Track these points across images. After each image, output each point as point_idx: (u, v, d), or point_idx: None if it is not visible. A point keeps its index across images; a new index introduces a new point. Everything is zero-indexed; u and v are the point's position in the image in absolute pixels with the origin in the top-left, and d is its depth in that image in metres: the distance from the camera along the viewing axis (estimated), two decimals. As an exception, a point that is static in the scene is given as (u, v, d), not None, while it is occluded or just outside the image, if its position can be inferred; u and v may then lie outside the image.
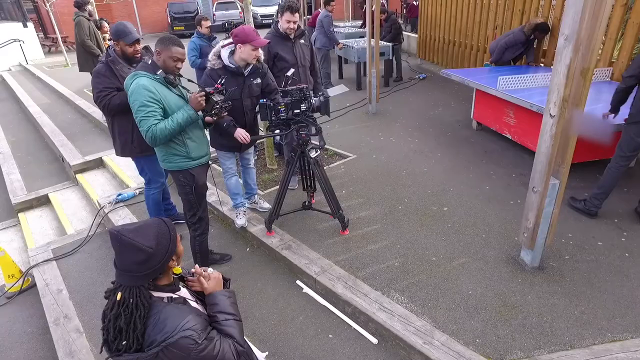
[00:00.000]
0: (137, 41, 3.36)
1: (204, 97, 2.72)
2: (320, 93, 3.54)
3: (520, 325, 2.58)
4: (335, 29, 8.67)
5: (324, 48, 8.09)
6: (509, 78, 4.78)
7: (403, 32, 9.47)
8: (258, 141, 5.35)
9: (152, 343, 1.29)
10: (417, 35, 10.19)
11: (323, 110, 3.35)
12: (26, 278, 3.81)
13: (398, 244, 3.37)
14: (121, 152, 3.54)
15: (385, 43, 8.06)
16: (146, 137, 2.66)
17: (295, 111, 3.24)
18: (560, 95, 2.59)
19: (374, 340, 2.67)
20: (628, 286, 2.83)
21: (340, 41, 8.38)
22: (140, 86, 2.61)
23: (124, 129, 3.41)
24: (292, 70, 3.66)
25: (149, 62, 2.75)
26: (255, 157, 5.17)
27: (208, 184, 3.21)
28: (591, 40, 2.50)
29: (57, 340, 3.01)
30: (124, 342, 1.28)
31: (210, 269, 1.64)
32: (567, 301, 2.73)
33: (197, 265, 1.64)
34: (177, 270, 1.43)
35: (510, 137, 4.96)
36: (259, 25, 17.68)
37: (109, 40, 7.03)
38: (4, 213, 5.32)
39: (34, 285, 3.75)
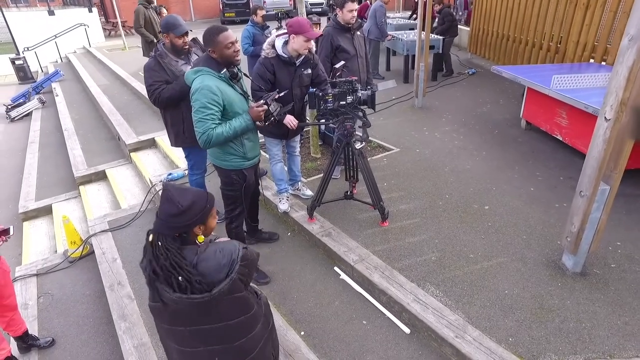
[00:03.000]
0: (186, 33, 3.44)
1: (265, 110, 2.69)
2: (368, 87, 3.60)
3: (557, 329, 2.55)
4: (386, 21, 8.61)
5: (376, 39, 8.07)
6: (563, 77, 4.60)
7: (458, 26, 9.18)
8: (305, 129, 5.47)
9: (231, 266, 1.58)
10: (469, 29, 9.91)
11: (369, 104, 3.40)
12: (85, 245, 4.16)
13: (436, 239, 3.39)
14: (174, 142, 3.72)
15: (435, 36, 7.92)
16: (200, 139, 2.61)
17: (341, 102, 3.31)
18: (618, 98, 2.50)
19: (407, 330, 2.73)
20: (678, 300, 2.73)
21: (389, 33, 8.31)
22: (205, 86, 2.54)
23: (175, 120, 3.57)
24: (341, 63, 3.73)
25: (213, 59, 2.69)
26: (300, 146, 5.31)
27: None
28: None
29: (112, 304, 3.29)
30: (180, 278, 1.52)
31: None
32: (610, 310, 2.67)
33: None
34: (200, 239, 1.67)
35: (561, 139, 4.79)
36: (307, 13, 17.73)
37: None
38: (67, 185, 5.78)
39: (92, 253, 4.09)
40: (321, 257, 3.47)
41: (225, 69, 2.66)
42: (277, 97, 2.88)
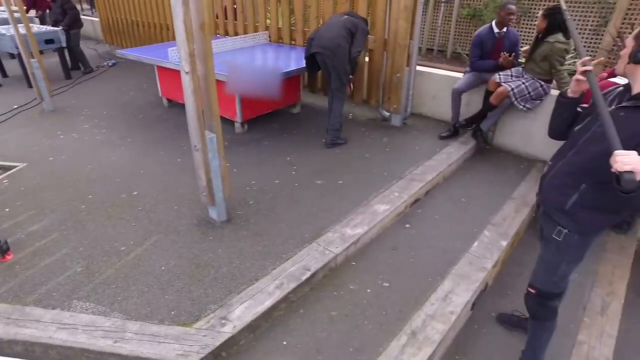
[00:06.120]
0: None
1: None
2: None
3: (213, 280, 2.62)
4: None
5: None
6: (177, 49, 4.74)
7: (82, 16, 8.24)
8: None
9: None
10: (98, 19, 9.21)
11: None
12: None
13: (81, 247, 2.93)
14: None
15: (51, 28, 6.89)
16: None
17: None
18: (186, 50, 2.62)
19: (57, 368, 2.24)
20: (296, 210, 3.28)
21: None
22: None
23: None
24: None
25: None
26: None
27: None
28: (197, -6, 2.57)
29: None
30: None
31: None
32: (252, 241, 2.95)
33: None
34: None
35: (198, 107, 5.02)
36: None
37: None
38: None
39: None
40: None
41: None
42: None
